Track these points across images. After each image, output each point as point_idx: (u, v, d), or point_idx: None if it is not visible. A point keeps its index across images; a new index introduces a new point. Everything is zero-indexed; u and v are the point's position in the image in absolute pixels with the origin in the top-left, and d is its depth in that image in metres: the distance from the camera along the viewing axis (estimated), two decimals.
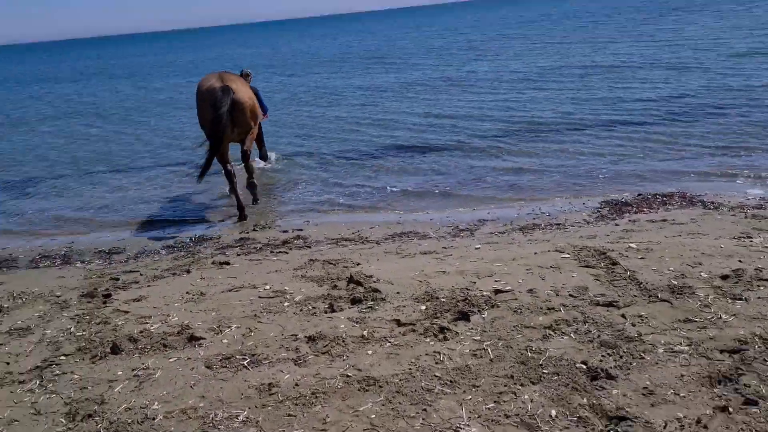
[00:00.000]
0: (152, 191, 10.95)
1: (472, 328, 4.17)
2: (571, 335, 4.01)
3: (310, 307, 4.78)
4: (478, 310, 4.42)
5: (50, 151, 15.81)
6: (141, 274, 6.46)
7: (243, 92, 8.46)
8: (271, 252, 6.94)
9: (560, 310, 4.34)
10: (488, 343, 3.97)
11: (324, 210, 9.04)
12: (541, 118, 13.94)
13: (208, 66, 41.52)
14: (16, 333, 4.74)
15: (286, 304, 4.90)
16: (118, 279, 6.35)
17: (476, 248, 6.29)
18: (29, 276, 6.88)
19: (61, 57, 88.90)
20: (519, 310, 4.38)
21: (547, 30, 43.48)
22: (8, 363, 4.22)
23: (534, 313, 4.33)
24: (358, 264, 6.04)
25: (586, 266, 5.22)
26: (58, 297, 5.71)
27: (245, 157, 8.94)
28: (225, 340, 4.30)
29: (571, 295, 4.60)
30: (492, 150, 11.42)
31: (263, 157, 11.79)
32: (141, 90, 30.32)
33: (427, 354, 3.88)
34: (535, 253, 5.73)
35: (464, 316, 4.35)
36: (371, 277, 5.32)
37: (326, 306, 4.78)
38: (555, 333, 4.04)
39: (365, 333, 4.22)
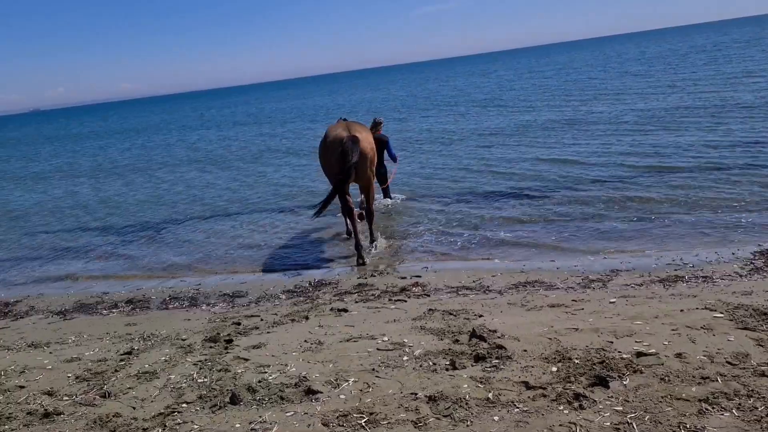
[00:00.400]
0: (274, 237, 11.23)
1: (612, 397, 3.70)
2: (734, 411, 3.43)
3: (431, 363, 4.50)
4: (618, 376, 3.93)
5: (177, 197, 16.88)
6: (261, 319, 6.51)
7: (367, 142, 8.84)
8: (390, 300, 6.77)
9: (717, 380, 3.76)
10: (632, 415, 3.48)
11: (443, 256, 8.79)
12: (669, 161, 12.95)
13: (325, 113, 43.32)
14: (144, 377, 4.84)
15: (405, 358, 4.66)
16: (239, 324, 6.43)
17: (611, 302, 5.75)
18: (159, 317, 7.17)
19: (197, 105, 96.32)
20: (667, 378, 3.85)
21: (674, 65, 41.21)
22: (134, 408, 4.28)
23: (685, 383, 3.78)
24: (480, 316, 5.71)
25: (745, 328, 4.56)
26: (184, 341, 5.84)
27: (369, 214, 9.47)
28: (342, 395, 4.11)
29: (729, 363, 3.99)
30: (617, 195, 10.66)
31: (386, 194, 12.12)
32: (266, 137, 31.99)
33: (561, 425, 3.46)
34: (682, 311, 5.11)
35: (602, 382, 3.88)
36: (495, 331, 4.96)
37: (447, 362, 4.48)
38: (713, 408, 3.48)
39: (490, 395, 3.87)
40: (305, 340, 5.37)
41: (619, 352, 4.28)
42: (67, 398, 4.59)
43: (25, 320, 7.85)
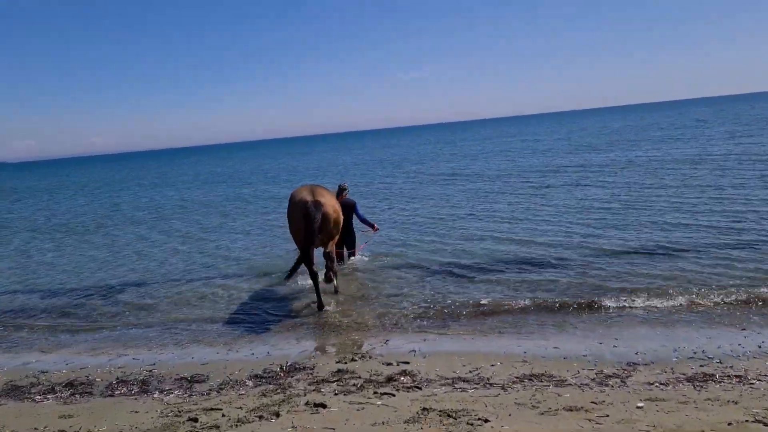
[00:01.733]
0: (241, 305, 10.22)
1: None
2: None
3: None
4: None
5: (128, 258, 15.77)
6: (223, 415, 5.47)
7: (330, 206, 9.23)
8: (375, 393, 5.79)
9: None
10: None
11: (431, 334, 7.87)
12: (673, 237, 12.41)
13: (307, 173, 42.80)
14: None
15: None
16: (196, 420, 5.39)
17: (639, 407, 4.88)
18: (102, 408, 6.05)
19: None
20: None
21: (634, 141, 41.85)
22: None
23: None
24: (486, 421, 4.79)
25: None
26: None
27: (328, 258, 9.56)
28: None
29: None
30: (620, 270, 9.97)
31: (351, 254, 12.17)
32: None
33: None
34: (730, 424, 4.27)
35: None
36: None
37: None
38: None
39: None
40: None
41: None
42: None
43: None
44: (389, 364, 6.75)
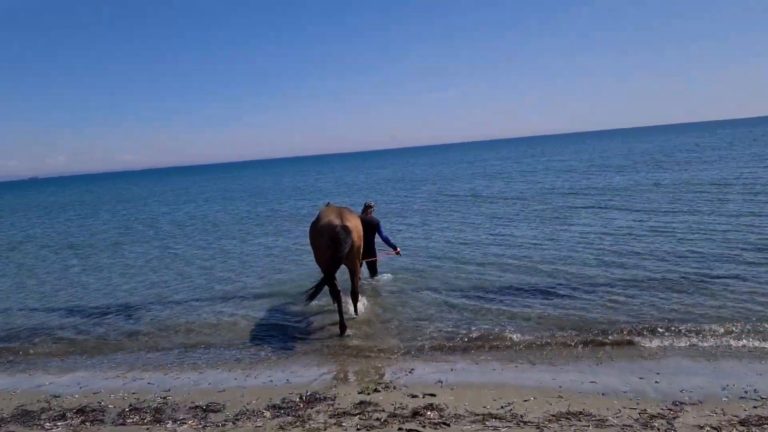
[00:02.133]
0: (261, 326, 9.93)
1: None
2: None
3: None
4: None
5: (150, 272, 15.60)
6: None
7: (356, 231, 9.12)
8: (399, 429, 5.42)
9: None
10: None
11: (458, 363, 7.46)
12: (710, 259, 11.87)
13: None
14: None
15: None
16: None
17: None
18: None
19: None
20: None
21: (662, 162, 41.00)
22: None
23: None
24: None
25: None
26: None
27: (354, 295, 9.60)
28: None
29: None
30: (656, 293, 9.49)
31: (373, 273, 12.19)
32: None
33: None
34: None
35: None
36: None
37: None
38: None
39: None
40: None
41: None
42: None
43: None
44: (415, 396, 6.36)
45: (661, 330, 7.93)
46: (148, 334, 10.00)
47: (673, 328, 7.94)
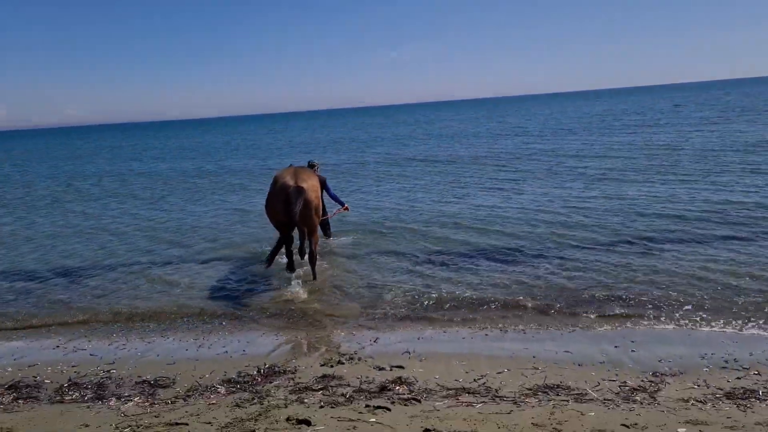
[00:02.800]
0: (212, 286, 9.37)
1: None
2: None
3: None
4: None
5: (95, 233, 14.74)
6: None
7: (312, 191, 8.98)
8: (367, 406, 5.01)
9: None
10: None
11: (425, 331, 7.11)
12: (682, 215, 11.80)
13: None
14: None
15: None
16: None
17: (681, 431, 4.18)
18: (47, 419, 5.17)
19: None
20: None
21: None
22: None
23: None
24: None
25: None
26: None
27: (312, 257, 9.29)
28: None
29: None
30: (622, 261, 9.30)
31: (326, 233, 11.91)
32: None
33: None
34: None
35: None
36: None
37: None
38: None
39: None
40: None
41: None
42: None
43: None
44: (381, 368, 5.96)
45: (631, 296, 7.71)
46: (90, 301, 9.29)
47: (644, 295, 7.72)
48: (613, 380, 5.36)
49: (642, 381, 5.30)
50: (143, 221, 16.05)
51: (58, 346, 7.43)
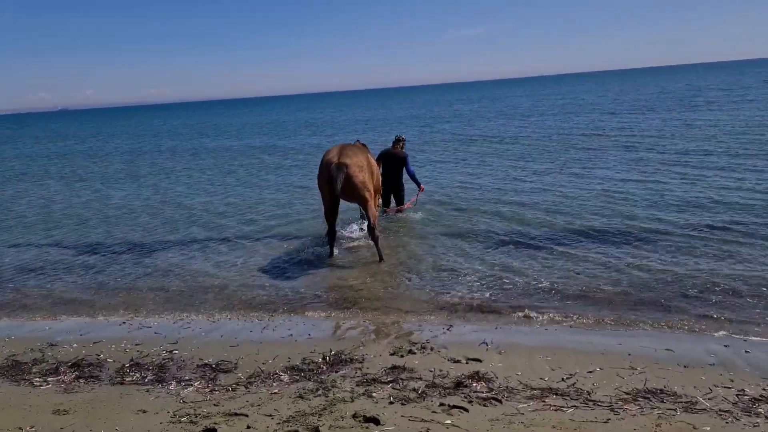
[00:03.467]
0: (276, 267, 9.08)
1: None
2: None
3: None
4: None
5: (151, 214, 14.79)
6: (248, 427, 4.29)
7: (355, 166, 8.96)
8: (441, 405, 4.51)
9: None
10: None
11: (502, 320, 6.53)
12: None
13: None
14: None
15: None
16: (215, 431, 4.23)
17: None
18: (105, 403, 4.95)
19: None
20: None
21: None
22: None
23: None
24: None
25: None
26: None
27: (370, 230, 9.17)
28: None
29: None
30: (733, 243, 8.35)
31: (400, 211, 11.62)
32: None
33: None
34: None
35: None
36: None
37: None
38: None
39: None
40: None
41: None
42: None
43: None
44: (456, 361, 5.44)
45: (737, 291, 6.84)
46: (154, 276, 9.19)
47: (753, 292, 6.82)
48: (728, 387, 4.63)
49: (764, 390, 4.55)
50: (211, 196, 16.07)
51: (124, 323, 7.30)
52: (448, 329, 6.34)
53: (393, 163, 11.65)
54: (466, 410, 4.42)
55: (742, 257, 7.90)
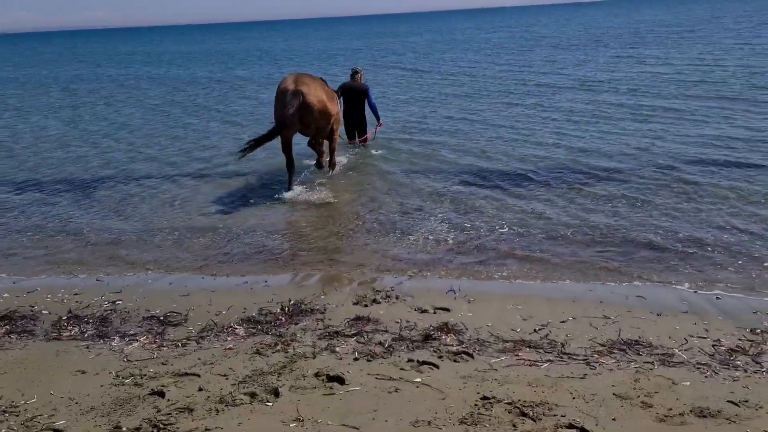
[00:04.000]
0: (230, 208, 8.57)
1: None
2: None
3: None
4: None
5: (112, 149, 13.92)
6: (200, 389, 3.94)
7: (313, 95, 8.69)
8: (410, 361, 4.23)
9: None
10: None
11: (470, 264, 6.25)
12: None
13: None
14: None
15: None
16: (163, 395, 3.87)
17: None
18: (38, 360, 4.50)
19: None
20: None
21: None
22: None
23: None
24: (582, 430, 3.26)
25: None
26: None
27: (318, 163, 9.32)
28: None
29: None
30: (700, 192, 8.15)
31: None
32: None
33: None
34: None
35: None
36: None
37: None
38: None
39: None
40: None
41: None
42: None
43: None
44: (424, 311, 5.15)
45: (711, 231, 6.71)
46: (107, 215, 8.58)
47: (716, 240, 6.66)
48: (704, 337, 4.48)
49: (740, 340, 4.41)
50: (153, 128, 15.18)
51: (63, 270, 6.73)
52: (413, 276, 6.04)
53: (354, 95, 11.26)
54: (437, 366, 4.15)
55: (702, 204, 7.77)
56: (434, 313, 5.11)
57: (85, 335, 4.99)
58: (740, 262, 5.93)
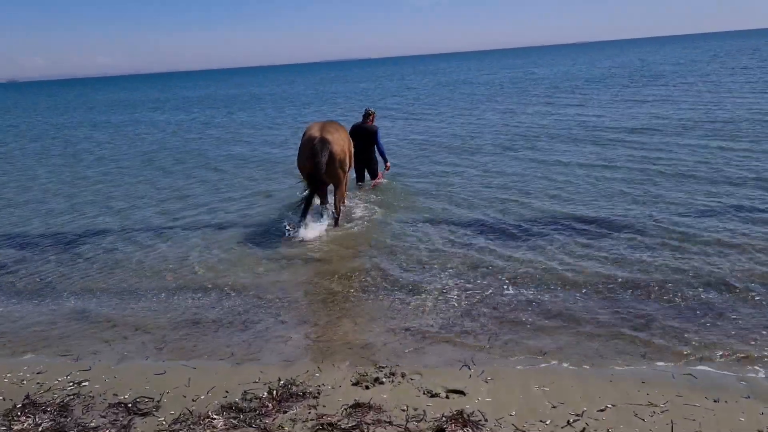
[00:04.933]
0: (216, 269, 7.86)
1: None
2: None
3: None
4: None
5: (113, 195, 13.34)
6: None
7: (338, 145, 8.85)
8: None
9: None
10: None
11: (490, 338, 5.45)
12: None
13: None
14: None
15: None
16: None
17: None
18: None
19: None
20: None
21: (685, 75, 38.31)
22: None
23: None
24: None
25: None
26: None
27: (336, 210, 9.14)
28: None
29: None
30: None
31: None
32: None
33: None
34: None
35: None
36: None
37: None
38: None
39: None
40: None
41: None
42: None
43: None
44: (434, 394, 4.40)
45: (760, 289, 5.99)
46: (90, 277, 7.87)
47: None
48: None
49: None
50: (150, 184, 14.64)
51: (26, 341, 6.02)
52: (421, 344, 5.30)
53: (364, 136, 11.27)
54: None
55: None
56: (446, 397, 4.36)
57: (40, 428, 4.25)
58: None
